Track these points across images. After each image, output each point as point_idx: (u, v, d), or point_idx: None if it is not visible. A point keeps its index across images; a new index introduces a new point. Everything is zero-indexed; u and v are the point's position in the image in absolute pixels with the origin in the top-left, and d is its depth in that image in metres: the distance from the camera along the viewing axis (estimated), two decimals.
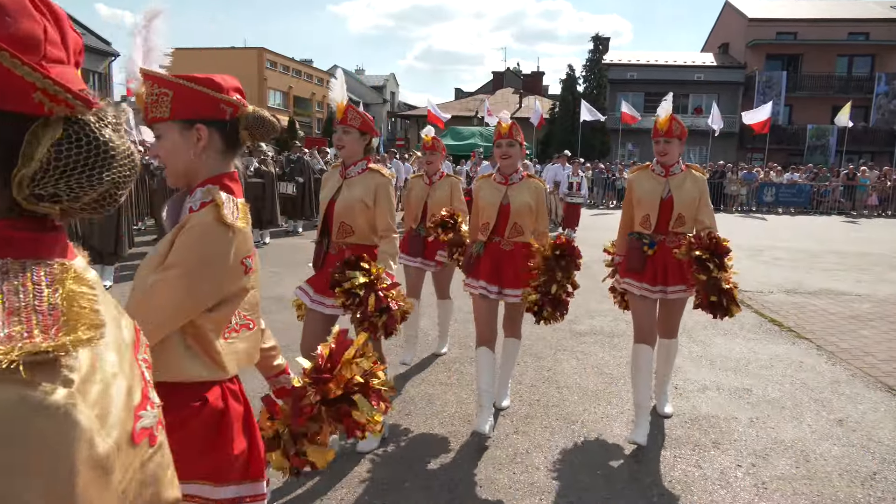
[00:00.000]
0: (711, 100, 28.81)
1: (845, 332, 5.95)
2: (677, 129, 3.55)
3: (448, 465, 3.28)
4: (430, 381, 4.51)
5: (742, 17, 32.82)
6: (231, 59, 40.06)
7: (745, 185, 21.58)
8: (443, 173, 4.79)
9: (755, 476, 3.24)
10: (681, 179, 3.57)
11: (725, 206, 21.38)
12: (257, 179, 10.96)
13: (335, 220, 3.13)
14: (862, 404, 4.22)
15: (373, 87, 55.46)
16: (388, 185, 3.14)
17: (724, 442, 3.63)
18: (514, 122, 3.63)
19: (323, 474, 3.15)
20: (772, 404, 4.20)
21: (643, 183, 3.64)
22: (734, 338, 5.72)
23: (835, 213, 20.74)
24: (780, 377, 4.72)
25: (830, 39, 31.39)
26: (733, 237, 3.97)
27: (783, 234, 14.50)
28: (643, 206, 3.61)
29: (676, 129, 3.54)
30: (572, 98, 30.90)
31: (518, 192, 3.63)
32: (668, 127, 3.54)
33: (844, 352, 5.36)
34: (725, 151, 29.71)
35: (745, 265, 9.70)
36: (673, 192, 3.55)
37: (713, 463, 3.37)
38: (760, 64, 31.83)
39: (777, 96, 29.54)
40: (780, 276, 8.83)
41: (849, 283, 8.39)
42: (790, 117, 32.06)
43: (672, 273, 3.51)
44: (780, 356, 5.23)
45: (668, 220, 3.55)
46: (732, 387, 4.50)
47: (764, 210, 21.09)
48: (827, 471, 3.31)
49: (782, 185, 21.68)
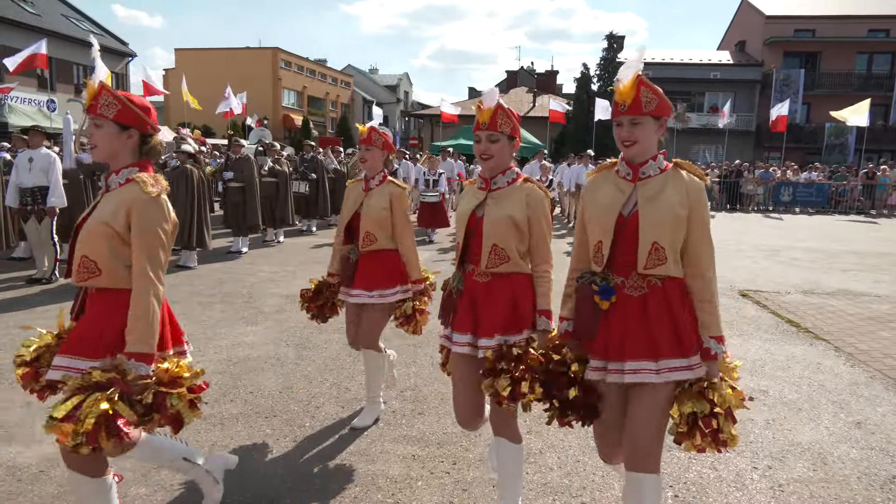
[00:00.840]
0: (728, 98, 28.53)
1: (864, 334, 5.86)
2: (649, 100, 2.15)
3: (462, 465, 3.27)
4: (442, 379, 4.51)
5: (759, 14, 32.49)
6: (246, 59, 40.37)
7: (761, 184, 21.36)
8: (384, 177, 3.60)
9: (771, 478, 3.20)
10: (657, 185, 2.19)
11: (742, 206, 21.19)
12: (271, 179, 11.03)
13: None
14: (881, 406, 4.16)
15: (386, 87, 55.59)
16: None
17: (740, 444, 3.58)
18: (501, 107, 2.53)
19: (336, 473, 3.16)
20: (788, 406, 4.15)
21: (598, 191, 2.32)
22: (750, 338, 5.66)
23: (853, 213, 20.47)
24: (797, 378, 4.67)
25: (850, 37, 31.00)
26: (750, 237, 3.88)
27: (800, 233, 14.32)
28: (594, 229, 2.28)
29: (648, 102, 2.15)
30: (587, 97, 30.78)
31: (500, 202, 2.58)
32: (633, 97, 2.15)
33: (863, 353, 5.28)
34: (742, 150, 29.43)
35: (762, 265, 9.62)
36: (641, 205, 2.18)
37: (728, 465, 3.34)
38: (778, 62, 31.49)
39: (795, 94, 29.21)
40: (798, 277, 8.73)
41: (867, 284, 8.28)
42: (808, 115, 31.68)
43: (632, 339, 2.17)
44: (798, 357, 5.17)
45: (630, 251, 2.17)
46: (748, 388, 4.45)
47: (781, 210, 20.86)
48: (845, 474, 3.26)
49: (800, 184, 21.44)
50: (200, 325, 5.71)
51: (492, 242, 2.54)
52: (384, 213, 3.52)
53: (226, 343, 5.25)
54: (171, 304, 2.41)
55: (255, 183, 10.06)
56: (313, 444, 3.48)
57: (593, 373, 2.28)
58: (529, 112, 32.96)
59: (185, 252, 8.57)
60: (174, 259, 8.91)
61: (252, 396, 4.12)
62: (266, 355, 4.93)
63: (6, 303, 6.41)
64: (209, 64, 37.27)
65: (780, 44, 31.68)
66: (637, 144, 2.19)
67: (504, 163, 2.61)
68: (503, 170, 2.63)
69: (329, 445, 3.47)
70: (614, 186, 2.27)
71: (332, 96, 49.15)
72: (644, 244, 2.15)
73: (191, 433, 3.53)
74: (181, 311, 6.11)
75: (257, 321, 5.94)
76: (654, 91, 2.16)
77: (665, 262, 2.15)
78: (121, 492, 2.91)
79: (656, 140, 2.23)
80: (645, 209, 2.16)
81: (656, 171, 2.22)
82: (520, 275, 2.58)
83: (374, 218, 3.51)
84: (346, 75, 52.24)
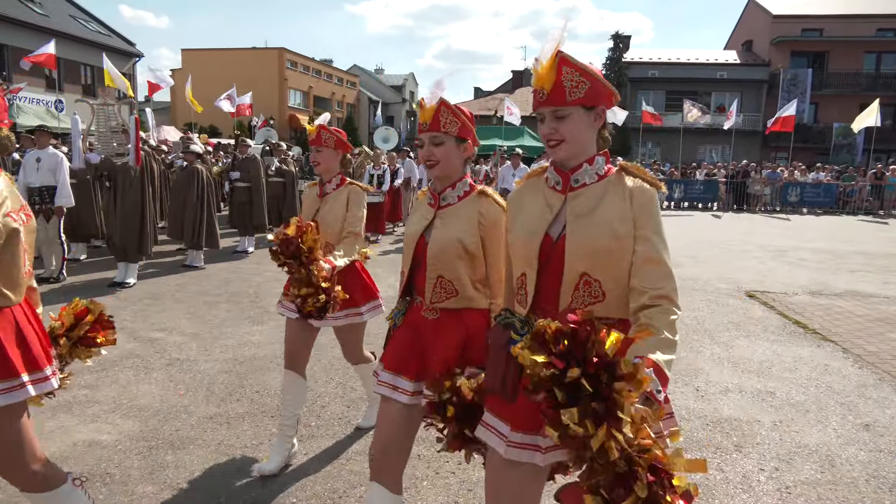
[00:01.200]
0: (734, 98, 28.39)
1: (873, 335, 5.82)
2: (576, 84, 1.60)
3: (467, 465, 3.27)
4: None
5: (766, 13, 32.35)
6: (252, 60, 40.46)
7: (768, 184, 21.26)
8: (342, 179, 3.21)
9: (778, 480, 3.18)
10: (592, 197, 1.67)
11: (749, 207, 21.10)
12: (278, 179, 11.06)
13: None
14: (890, 409, 4.13)
15: (392, 87, 55.62)
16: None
17: (747, 445, 3.57)
18: (445, 103, 2.09)
19: (342, 472, 3.16)
20: (796, 408, 4.13)
21: (524, 206, 1.80)
22: (757, 339, 5.64)
23: (862, 214, 20.34)
24: (804, 380, 4.64)
25: (858, 36, 30.81)
26: (756, 237, 3.83)
27: (808, 234, 14.25)
28: (516, 256, 1.79)
29: (575, 87, 1.60)
30: None
31: (448, 222, 2.14)
32: (553, 81, 1.61)
33: (872, 355, 5.25)
34: (749, 150, 29.31)
35: (768, 266, 9.57)
36: (569, 223, 1.66)
37: (735, 466, 3.32)
38: (785, 61, 31.34)
39: (802, 94, 29.05)
40: (805, 278, 8.68)
41: (876, 285, 8.22)
42: (816, 115, 31.52)
43: None
44: (805, 359, 5.14)
45: (555, 282, 1.67)
46: (755, 389, 4.43)
47: (788, 210, 20.75)
48: (853, 476, 3.24)
49: (807, 184, 21.31)
50: (207, 325, 5.73)
51: (437, 273, 2.12)
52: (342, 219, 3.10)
53: (232, 342, 5.26)
54: (178, 304, 2.43)
55: (262, 183, 10.09)
56: (319, 443, 3.49)
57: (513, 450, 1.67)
58: None
59: (192, 252, 8.60)
60: (181, 259, 8.94)
61: (258, 395, 4.13)
62: (272, 354, 4.94)
63: None
64: (215, 64, 37.39)
65: (788, 43, 31.53)
66: (564, 144, 1.65)
67: (453, 171, 2.17)
68: (454, 181, 2.19)
69: (335, 445, 3.47)
70: (543, 200, 1.75)
71: (338, 96, 49.21)
72: (570, 276, 1.62)
73: (198, 432, 3.54)
74: (188, 310, 6.13)
75: (263, 320, 5.95)
76: (583, 72, 1.60)
77: (602, 300, 1.62)
78: (127, 490, 2.92)
79: (592, 136, 1.70)
80: (573, 228, 1.64)
81: (593, 177, 1.70)
82: (473, 311, 2.14)
83: (332, 225, 3.07)
84: (351, 75, 52.31)
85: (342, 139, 3.19)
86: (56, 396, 2.32)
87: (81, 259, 8.77)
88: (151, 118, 12.82)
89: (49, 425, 3.57)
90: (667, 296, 1.58)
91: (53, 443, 3.36)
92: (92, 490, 2.91)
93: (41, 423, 3.50)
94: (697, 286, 7.90)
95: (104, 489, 2.93)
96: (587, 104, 1.64)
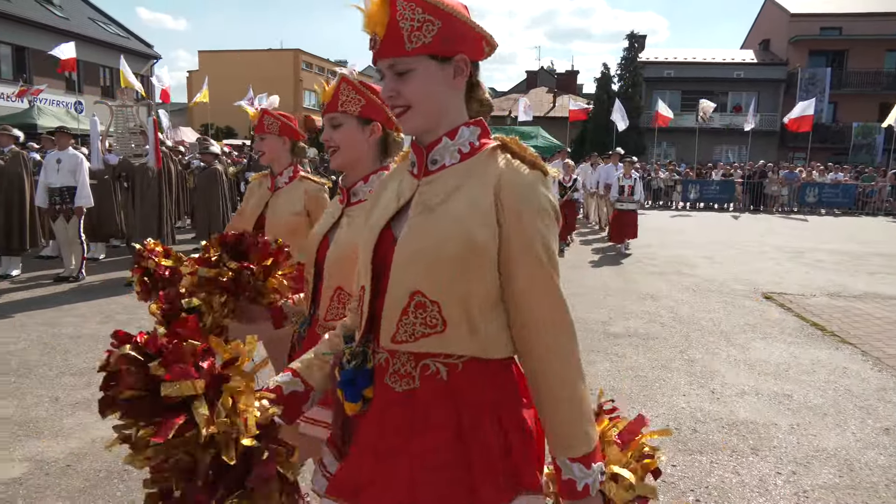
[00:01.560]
0: (751, 98, 28.11)
1: (892, 338, 5.74)
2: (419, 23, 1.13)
3: None
4: None
5: (784, 12, 31.98)
6: (268, 61, 40.78)
7: (786, 184, 21.02)
8: (296, 171, 2.76)
9: (796, 484, 3.15)
10: (447, 184, 1.19)
11: (766, 207, 20.88)
12: None
13: None
14: None
15: None
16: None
17: (764, 448, 3.54)
18: (347, 79, 1.83)
19: None
20: (813, 411, 4.08)
21: (381, 196, 1.34)
22: (774, 342, 5.58)
23: (881, 214, 20.04)
24: (822, 383, 4.59)
25: (878, 34, 30.34)
26: (773, 238, 3.79)
27: (826, 235, 14.07)
28: (360, 259, 1.32)
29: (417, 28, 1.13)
30: (607, 97, 30.53)
31: (357, 221, 1.75)
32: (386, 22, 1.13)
33: (891, 357, 5.17)
34: (766, 151, 29.00)
35: (785, 267, 9.47)
36: (410, 219, 1.20)
37: (752, 470, 3.29)
38: (803, 60, 30.96)
39: (821, 94, 28.69)
40: (823, 279, 8.57)
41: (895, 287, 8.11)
42: (834, 115, 31.09)
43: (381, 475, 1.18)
44: (823, 361, 5.08)
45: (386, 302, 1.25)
46: (772, 392, 4.39)
47: (806, 211, 20.50)
48: (873, 481, 3.20)
49: (825, 184, 21.05)
50: None
51: (335, 283, 1.75)
52: (296, 218, 2.59)
53: None
54: None
55: None
56: None
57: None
58: (550, 112, 32.81)
59: None
60: None
61: None
62: None
63: (35, 300, 6.55)
64: (232, 65, 37.74)
65: (806, 42, 31.14)
66: (411, 111, 1.19)
67: (359, 159, 1.82)
68: (366, 173, 1.83)
69: None
70: (396, 188, 1.29)
71: None
72: (397, 293, 1.16)
73: None
74: None
75: None
76: (427, 6, 1.13)
77: (441, 331, 1.14)
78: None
79: (454, 99, 1.22)
80: (410, 227, 1.18)
81: (454, 156, 1.21)
82: None
83: (282, 224, 2.57)
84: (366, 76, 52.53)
85: (288, 124, 2.75)
86: (75, 395, 2.36)
87: (100, 258, 8.89)
88: (166, 119, 12.97)
89: (68, 423, 3.63)
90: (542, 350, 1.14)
91: (73, 440, 3.41)
92: (110, 487, 2.95)
93: None
94: (713, 287, 7.83)
95: (122, 486, 2.97)
96: (438, 53, 1.16)
